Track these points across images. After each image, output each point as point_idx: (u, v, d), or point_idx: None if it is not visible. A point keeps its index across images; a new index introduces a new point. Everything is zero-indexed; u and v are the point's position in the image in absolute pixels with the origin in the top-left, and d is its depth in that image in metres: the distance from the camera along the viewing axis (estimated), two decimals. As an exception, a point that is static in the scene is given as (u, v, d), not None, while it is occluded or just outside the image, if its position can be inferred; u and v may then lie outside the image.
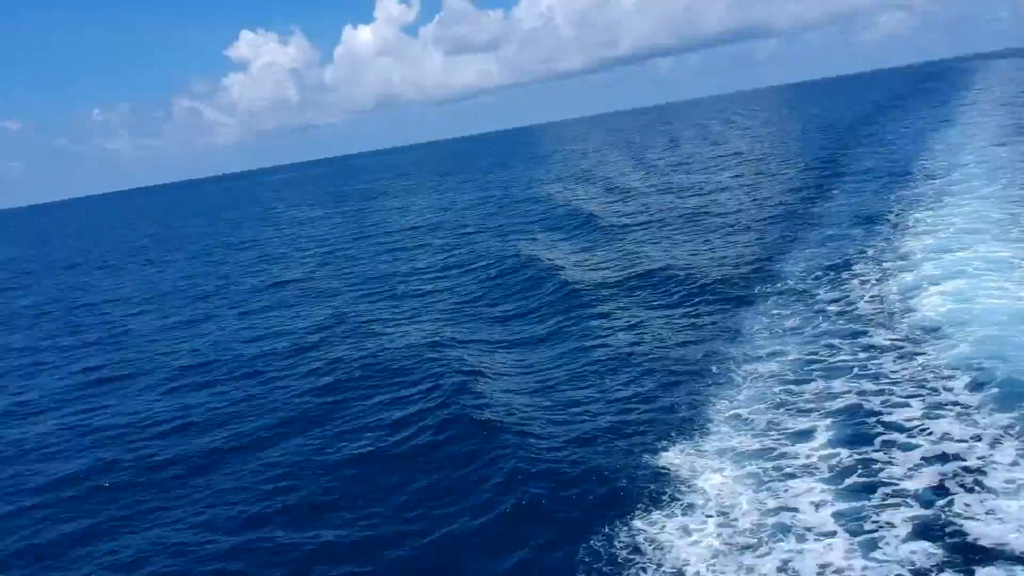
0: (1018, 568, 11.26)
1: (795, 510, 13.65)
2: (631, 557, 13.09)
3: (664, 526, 13.81)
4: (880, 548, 12.23)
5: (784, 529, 13.12)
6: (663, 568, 12.65)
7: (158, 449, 20.82)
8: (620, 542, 13.52)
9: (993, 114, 75.36)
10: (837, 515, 13.26)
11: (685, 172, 70.21)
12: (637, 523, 13.95)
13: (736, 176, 60.50)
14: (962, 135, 61.20)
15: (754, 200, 47.41)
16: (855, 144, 70.12)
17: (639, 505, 14.45)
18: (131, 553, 15.59)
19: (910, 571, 11.62)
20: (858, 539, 12.55)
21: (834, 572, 11.96)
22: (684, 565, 12.67)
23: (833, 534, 12.80)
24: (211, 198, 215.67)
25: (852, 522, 12.96)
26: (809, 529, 12.98)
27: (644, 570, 12.66)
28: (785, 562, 12.36)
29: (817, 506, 13.61)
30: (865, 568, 11.86)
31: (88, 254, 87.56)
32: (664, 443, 16.69)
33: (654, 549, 13.21)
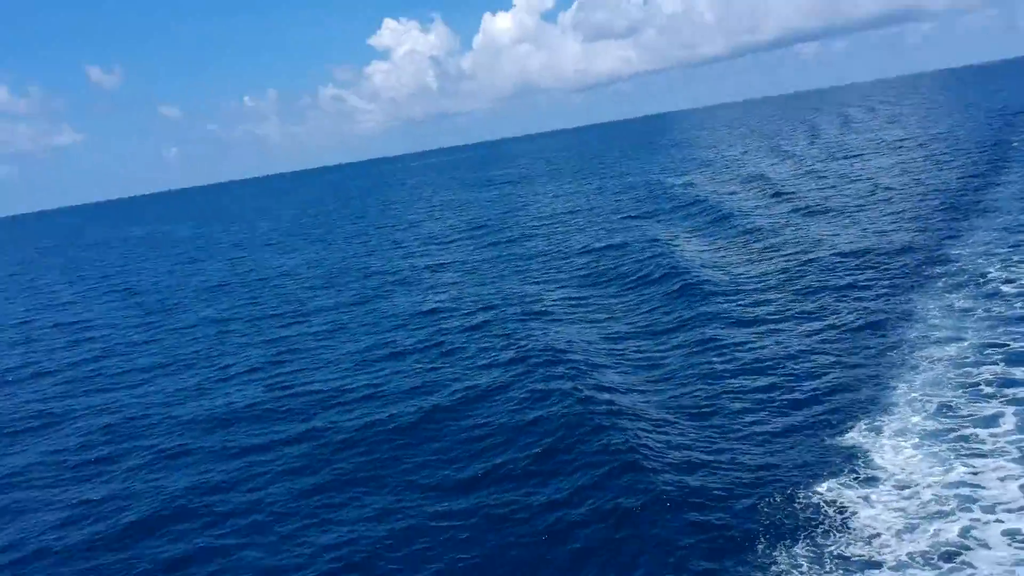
0: None
1: (980, 486, 14.09)
2: (815, 517, 13.88)
3: (846, 495, 14.51)
4: None
5: (969, 500, 13.66)
6: (850, 529, 13.40)
7: (365, 413, 22.57)
8: (801, 505, 14.35)
9: None
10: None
11: (842, 158, 68.89)
12: (822, 491, 14.73)
13: (898, 162, 59.17)
14: None
15: (918, 184, 46.67)
16: (1024, 129, 67.47)
17: (823, 478, 15.20)
18: (373, 510, 17.18)
19: None
20: None
21: (1021, 541, 12.39)
22: (869, 528, 13.40)
23: (1022, 508, 13.14)
24: (360, 181, 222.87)
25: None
26: (998, 503, 13.41)
27: (830, 532, 13.41)
28: (968, 529, 12.90)
29: (1004, 480, 14.01)
30: None
31: (249, 234, 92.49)
32: (846, 423, 17.37)
33: (836, 512, 13.96)
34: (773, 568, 12.76)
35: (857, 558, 12.80)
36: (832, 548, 13.12)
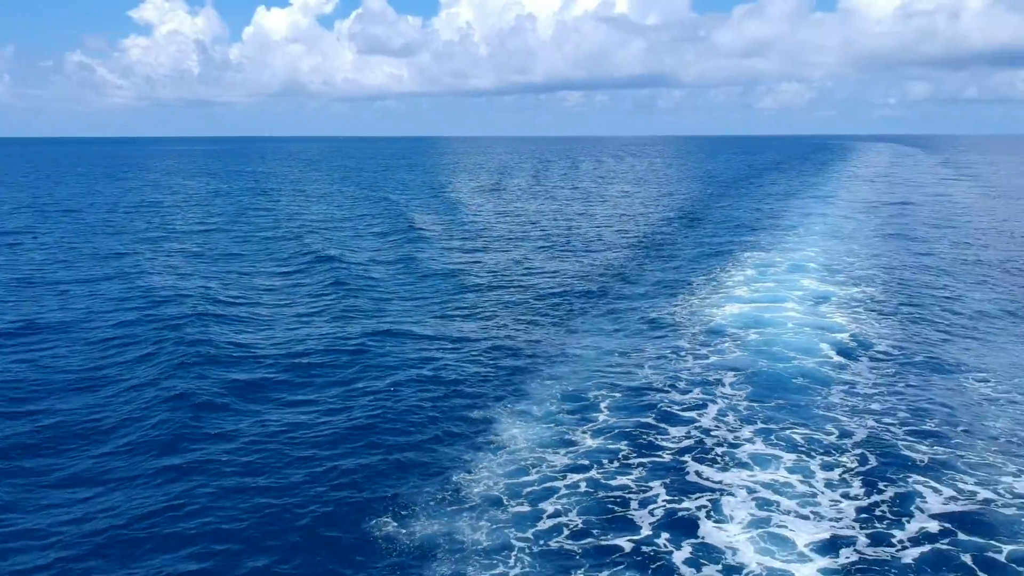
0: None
1: (571, 446, 17.50)
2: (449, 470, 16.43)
3: (474, 452, 17.35)
4: (620, 478, 16.10)
5: (544, 461, 16.84)
6: (469, 476, 16.05)
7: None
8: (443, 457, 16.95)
9: (856, 189, 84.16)
10: (590, 453, 17.26)
11: (583, 201, 75.16)
12: (453, 448, 17.44)
13: (612, 212, 65.91)
14: (820, 203, 68.17)
15: (620, 226, 53.44)
16: (731, 197, 76.98)
17: (461, 437, 18.14)
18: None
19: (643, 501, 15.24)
20: (602, 469, 16.46)
21: (586, 485, 15.63)
22: (483, 472, 16.30)
23: (583, 468, 16.57)
24: (112, 160, 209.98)
25: (603, 457, 16.96)
26: (573, 465, 16.68)
27: (455, 482, 15.86)
28: (547, 478, 16.04)
29: (561, 450, 17.46)
30: (607, 493, 15.48)
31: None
32: (483, 399, 20.52)
33: (459, 459, 16.79)
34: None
35: (467, 500, 15.23)
36: (449, 488, 15.61)
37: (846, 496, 15.17)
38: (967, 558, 13.10)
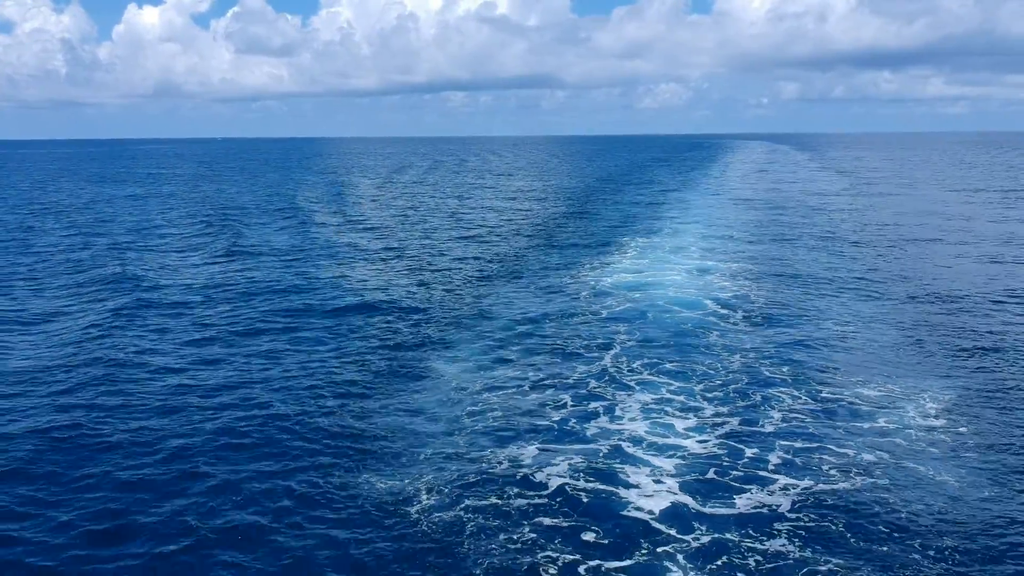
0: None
1: (490, 376, 20.65)
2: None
3: (410, 382, 20.37)
4: (532, 394, 19.33)
5: (471, 385, 20.08)
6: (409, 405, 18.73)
7: None
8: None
9: (732, 182, 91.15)
10: (505, 380, 20.39)
11: (477, 196, 78.13)
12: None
13: (509, 206, 69.28)
14: (699, 195, 73.21)
15: (517, 218, 56.52)
16: (615, 192, 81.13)
17: (401, 372, 20.76)
18: None
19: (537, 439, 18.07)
20: (515, 390, 19.45)
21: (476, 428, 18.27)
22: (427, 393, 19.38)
23: (499, 388, 19.73)
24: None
25: (515, 383, 20.05)
26: (491, 387, 19.88)
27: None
28: (476, 392, 19.37)
29: (496, 375, 20.82)
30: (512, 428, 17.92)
31: None
32: (416, 350, 23.36)
33: (405, 390, 19.22)
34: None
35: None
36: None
37: (721, 404, 18.61)
38: (811, 427, 16.99)
